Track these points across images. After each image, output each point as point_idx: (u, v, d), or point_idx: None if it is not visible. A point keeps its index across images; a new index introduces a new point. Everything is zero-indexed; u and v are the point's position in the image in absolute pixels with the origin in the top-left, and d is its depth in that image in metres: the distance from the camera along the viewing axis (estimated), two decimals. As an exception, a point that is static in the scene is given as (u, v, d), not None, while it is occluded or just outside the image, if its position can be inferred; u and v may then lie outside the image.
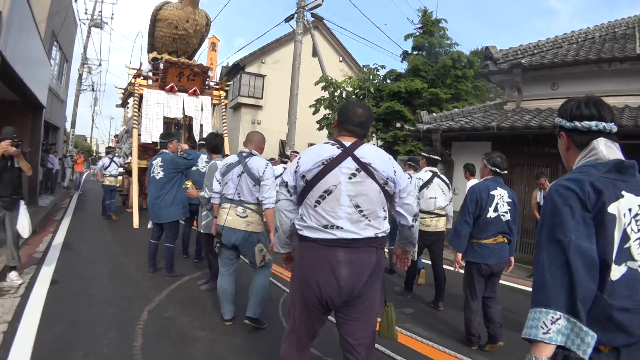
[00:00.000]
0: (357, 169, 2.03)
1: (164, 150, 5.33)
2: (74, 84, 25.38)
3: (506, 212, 3.53)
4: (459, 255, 3.64)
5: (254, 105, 21.26)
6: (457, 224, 3.67)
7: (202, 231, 4.74)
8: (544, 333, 1.13)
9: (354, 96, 13.54)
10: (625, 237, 1.19)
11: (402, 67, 15.48)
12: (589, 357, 1.12)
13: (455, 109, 10.70)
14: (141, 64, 10.96)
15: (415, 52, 15.05)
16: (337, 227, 2.01)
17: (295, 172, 2.13)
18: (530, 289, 6.28)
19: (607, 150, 1.29)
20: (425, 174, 4.88)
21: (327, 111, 14.12)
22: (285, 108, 14.88)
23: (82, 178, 17.56)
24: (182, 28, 10.84)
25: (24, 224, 4.21)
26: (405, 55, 15.36)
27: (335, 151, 2.07)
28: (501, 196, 3.53)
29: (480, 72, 10.65)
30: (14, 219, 4.22)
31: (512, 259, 3.68)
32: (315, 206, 2.05)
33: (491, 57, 9.52)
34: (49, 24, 12.63)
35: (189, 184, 4.91)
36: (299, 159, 2.16)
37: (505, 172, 3.70)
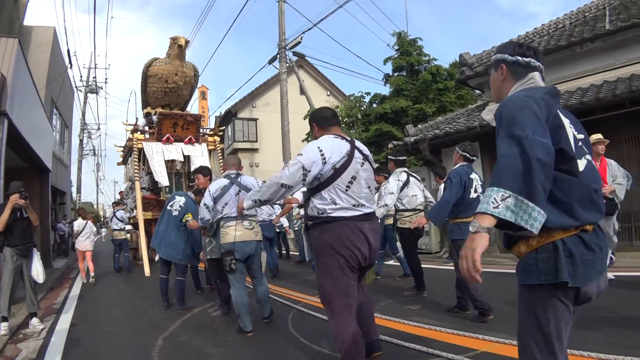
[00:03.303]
0: (363, 159, 2.58)
1: (191, 195, 5.52)
2: (75, 151, 26.03)
3: (482, 193, 3.85)
4: (424, 220, 4.33)
5: (250, 149, 21.72)
6: (443, 201, 3.94)
7: (207, 257, 4.92)
8: (494, 207, 1.26)
9: (343, 124, 13.94)
10: (574, 139, 1.44)
11: (386, 90, 15.94)
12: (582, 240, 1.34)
13: (439, 118, 10.96)
14: (137, 119, 11.43)
15: (396, 74, 15.55)
16: (362, 205, 2.52)
17: (324, 162, 2.46)
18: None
19: (541, 81, 1.57)
20: (401, 174, 5.12)
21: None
22: (280, 149, 15.29)
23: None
24: (172, 81, 11.40)
25: (38, 270, 4.44)
26: (387, 78, 15.87)
27: (347, 144, 2.55)
28: (477, 179, 3.98)
29: (458, 80, 11.00)
30: (29, 267, 4.46)
31: None
32: (346, 190, 2.48)
33: (466, 63, 9.87)
34: (48, 91, 13.25)
35: (189, 216, 5.11)
36: (320, 150, 2.47)
37: (475, 158, 4.15)
